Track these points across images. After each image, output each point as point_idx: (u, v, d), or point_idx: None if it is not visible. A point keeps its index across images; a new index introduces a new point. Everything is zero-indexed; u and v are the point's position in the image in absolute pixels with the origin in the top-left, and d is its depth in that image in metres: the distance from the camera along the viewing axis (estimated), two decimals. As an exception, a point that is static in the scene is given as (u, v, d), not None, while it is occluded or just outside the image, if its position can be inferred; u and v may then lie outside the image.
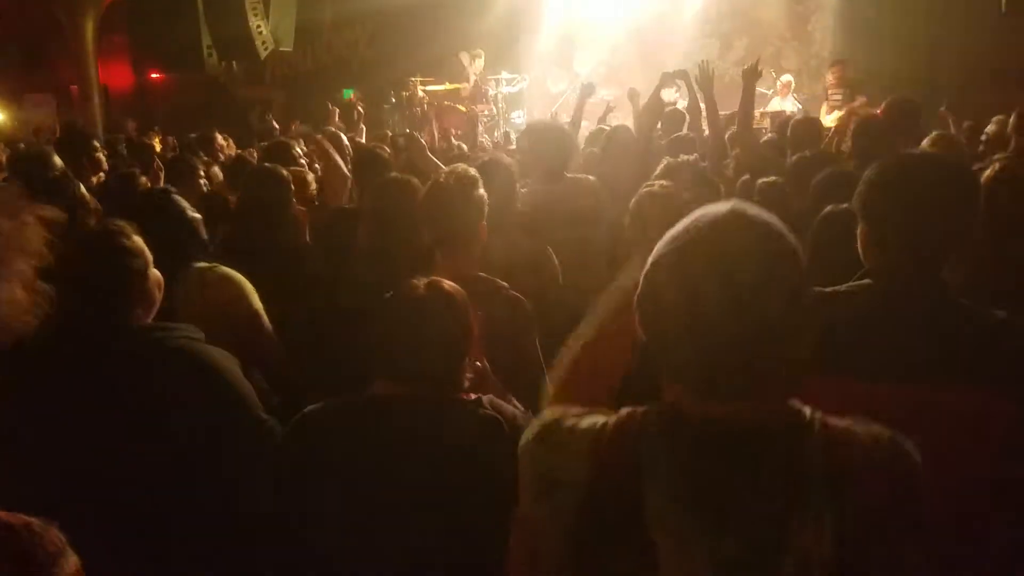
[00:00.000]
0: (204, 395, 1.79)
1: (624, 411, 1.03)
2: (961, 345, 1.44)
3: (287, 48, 10.14)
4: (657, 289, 0.97)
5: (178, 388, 1.76)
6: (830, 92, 9.16)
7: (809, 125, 4.21)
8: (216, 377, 1.83)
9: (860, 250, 1.63)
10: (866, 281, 1.59)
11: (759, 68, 4.28)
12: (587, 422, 1.04)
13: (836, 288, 1.60)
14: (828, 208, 2.31)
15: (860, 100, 8.42)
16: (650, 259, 1.00)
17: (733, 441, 0.95)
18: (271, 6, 9.07)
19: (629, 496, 0.95)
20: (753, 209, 0.98)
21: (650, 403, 1.03)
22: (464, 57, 10.92)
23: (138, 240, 1.85)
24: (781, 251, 0.95)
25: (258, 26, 8.47)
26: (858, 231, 1.63)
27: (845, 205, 2.08)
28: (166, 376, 1.77)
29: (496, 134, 9.80)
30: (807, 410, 0.98)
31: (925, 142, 3.76)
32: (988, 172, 2.29)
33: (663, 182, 2.46)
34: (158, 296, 1.91)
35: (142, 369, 1.77)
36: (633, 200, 2.46)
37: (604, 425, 1.02)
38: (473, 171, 2.38)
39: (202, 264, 2.45)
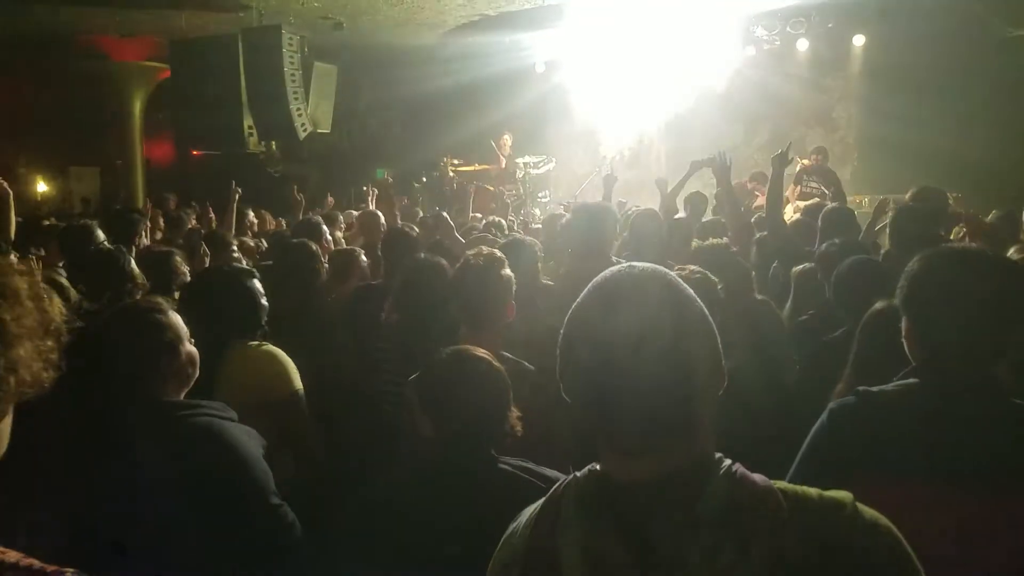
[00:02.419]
0: (220, 474, 1.78)
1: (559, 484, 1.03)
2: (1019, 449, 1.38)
3: (324, 130, 10.51)
4: (571, 346, 1.00)
5: (195, 465, 1.75)
6: (805, 177, 8.65)
7: (841, 213, 4.18)
8: (235, 458, 1.82)
9: (906, 346, 1.57)
10: (912, 380, 1.52)
11: (788, 154, 4.35)
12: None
13: (883, 387, 1.54)
14: (878, 304, 2.21)
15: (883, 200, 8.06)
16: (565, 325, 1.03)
17: (640, 498, 0.92)
18: (311, 90, 9.46)
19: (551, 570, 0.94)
20: (643, 264, 1.03)
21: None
22: (506, 138, 11.22)
23: (173, 316, 1.87)
24: (679, 297, 0.98)
25: (298, 109, 8.79)
26: (903, 327, 1.58)
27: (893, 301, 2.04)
28: (185, 453, 1.76)
29: (522, 213, 9.98)
30: (724, 460, 0.94)
31: (963, 233, 3.74)
32: None
33: (693, 267, 2.46)
34: (192, 372, 1.91)
35: (162, 445, 1.77)
36: None
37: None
38: (499, 253, 2.44)
39: (251, 342, 2.45)
